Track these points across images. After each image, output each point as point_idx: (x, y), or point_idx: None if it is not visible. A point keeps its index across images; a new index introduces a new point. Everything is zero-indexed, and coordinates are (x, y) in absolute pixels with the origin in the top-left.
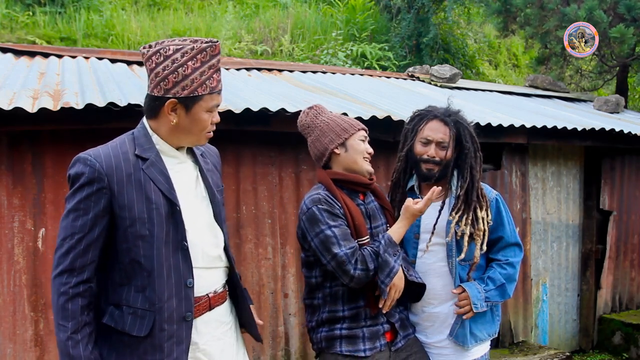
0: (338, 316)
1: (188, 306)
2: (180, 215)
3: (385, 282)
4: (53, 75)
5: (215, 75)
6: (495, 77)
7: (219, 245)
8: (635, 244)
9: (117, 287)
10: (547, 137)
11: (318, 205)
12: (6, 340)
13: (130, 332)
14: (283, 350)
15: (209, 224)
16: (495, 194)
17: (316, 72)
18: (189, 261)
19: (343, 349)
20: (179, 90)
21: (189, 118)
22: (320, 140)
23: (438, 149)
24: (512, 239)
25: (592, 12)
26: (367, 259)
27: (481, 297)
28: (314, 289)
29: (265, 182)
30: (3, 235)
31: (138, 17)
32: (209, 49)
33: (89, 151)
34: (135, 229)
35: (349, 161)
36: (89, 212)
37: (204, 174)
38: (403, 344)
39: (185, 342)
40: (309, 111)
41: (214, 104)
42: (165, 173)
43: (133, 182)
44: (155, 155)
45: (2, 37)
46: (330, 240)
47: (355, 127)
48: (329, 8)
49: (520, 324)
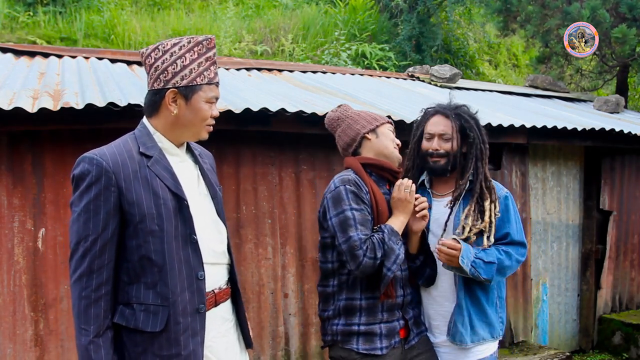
0: (355, 305)
1: (200, 298)
2: (188, 210)
3: (392, 269)
4: (53, 75)
5: (212, 67)
6: (495, 77)
7: (223, 242)
8: (635, 244)
9: (126, 286)
10: (547, 137)
11: (346, 185)
12: (6, 340)
13: (144, 328)
14: (283, 350)
15: (214, 220)
16: (506, 191)
17: (316, 72)
18: (199, 254)
19: (360, 346)
20: (179, 80)
21: (189, 108)
22: (352, 127)
23: (441, 141)
24: (518, 237)
25: (595, 11)
26: (376, 247)
27: (471, 257)
28: (328, 275)
29: (265, 182)
30: (3, 235)
31: (138, 17)
32: (205, 41)
33: (93, 151)
34: (145, 224)
35: (380, 146)
36: (100, 211)
37: (205, 172)
38: (416, 341)
39: (200, 335)
40: (337, 108)
41: (213, 95)
42: (170, 169)
43: (140, 179)
44: (159, 153)
45: (3, 37)
46: (348, 222)
47: (385, 119)
48: (330, 8)
49: (520, 324)
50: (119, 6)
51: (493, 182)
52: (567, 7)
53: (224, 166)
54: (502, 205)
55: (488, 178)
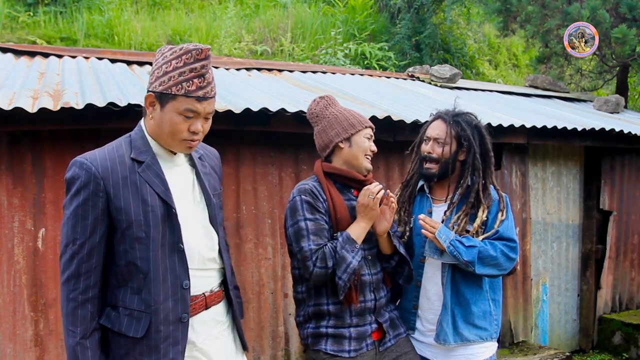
0: (323, 310)
1: (184, 308)
2: (176, 218)
3: (343, 277)
4: (53, 75)
5: (196, 79)
6: (495, 77)
7: (214, 248)
8: (635, 244)
9: (114, 289)
10: (547, 137)
11: (302, 196)
12: (6, 340)
13: (126, 333)
14: (283, 350)
15: (205, 227)
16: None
17: (316, 72)
18: (184, 263)
19: (328, 347)
20: (157, 85)
21: (162, 116)
22: (327, 132)
23: (435, 145)
24: (507, 233)
25: (595, 11)
26: (327, 257)
27: (450, 237)
28: (297, 282)
29: (265, 182)
30: (3, 235)
31: (138, 17)
32: (194, 51)
33: (85, 154)
34: (132, 231)
35: (350, 157)
36: (88, 216)
37: (200, 178)
38: (393, 343)
39: (182, 344)
40: (319, 100)
41: (188, 107)
42: (161, 176)
43: (129, 185)
44: (151, 158)
45: (3, 37)
46: (301, 232)
47: (363, 124)
48: (329, 8)
49: (520, 324)
50: (119, 6)
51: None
52: (567, 7)
53: (224, 166)
54: (494, 209)
55: (487, 189)
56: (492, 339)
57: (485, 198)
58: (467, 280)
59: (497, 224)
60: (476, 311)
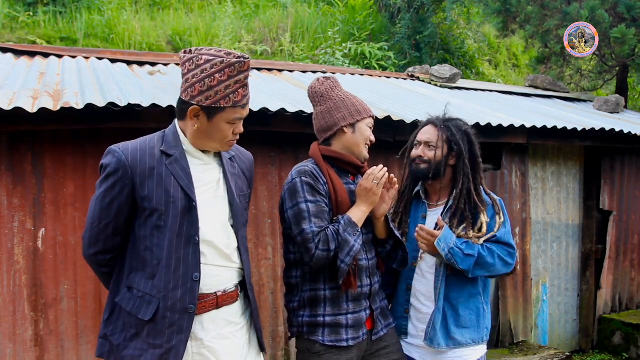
0: (319, 296)
1: (192, 299)
2: (196, 211)
3: (345, 261)
4: (53, 75)
5: (241, 90)
6: (495, 77)
7: (230, 247)
8: (635, 244)
9: (133, 272)
10: (547, 137)
11: (302, 177)
12: (6, 340)
13: (137, 314)
14: (283, 350)
15: (223, 225)
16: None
17: (316, 72)
18: (197, 256)
19: (325, 338)
20: (203, 99)
21: (210, 126)
22: (332, 114)
23: (426, 148)
24: (505, 238)
25: (594, 11)
26: (330, 239)
27: (450, 244)
28: (291, 266)
29: (265, 182)
30: (3, 235)
31: (138, 17)
32: (237, 64)
33: (120, 144)
34: (153, 219)
35: (352, 143)
36: (114, 200)
37: (227, 177)
38: (385, 332)
39: (186, 333)
40: (325, 80)
41: (236, 116)
42: (187, 170)
43: (155, 176)
44: (180, 153)
45: (3, 37)
46: (302, 215)
47: (368, 112)
48: (329, 8)
49: (520, 324)
50: (119, 6)
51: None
52: (566, 7)
53: None
54: (489, 213)
55: (480, 193)
56: (483, 342)
57: (481, 202)
58: (460, 284)
59: (497, 227)
60: (468, 314)
